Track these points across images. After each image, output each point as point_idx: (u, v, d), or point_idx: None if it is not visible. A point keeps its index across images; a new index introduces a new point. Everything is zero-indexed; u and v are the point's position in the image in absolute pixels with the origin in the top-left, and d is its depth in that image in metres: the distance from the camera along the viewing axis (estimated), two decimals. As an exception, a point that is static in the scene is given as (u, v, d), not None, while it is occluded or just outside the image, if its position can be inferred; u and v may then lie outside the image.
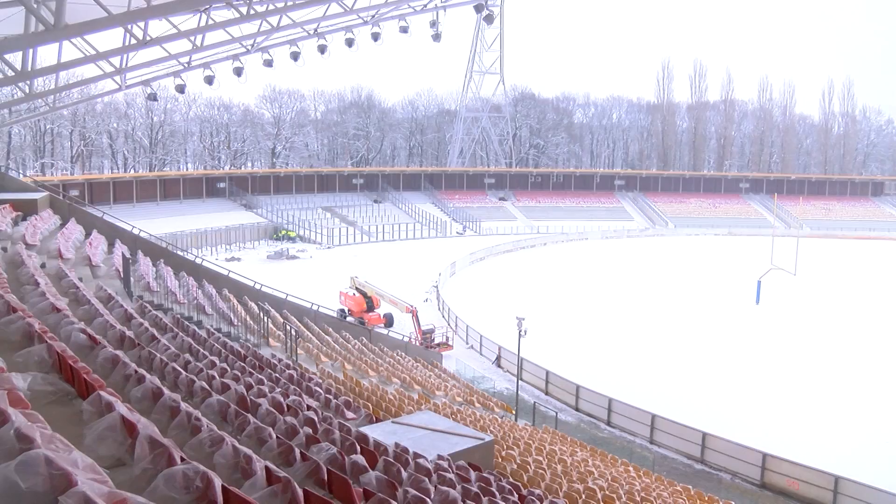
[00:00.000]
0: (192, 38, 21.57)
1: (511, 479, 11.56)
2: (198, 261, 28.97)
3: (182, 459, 5.12)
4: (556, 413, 24.93)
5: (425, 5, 25.82)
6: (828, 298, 46.10)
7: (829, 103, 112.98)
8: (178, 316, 17.89)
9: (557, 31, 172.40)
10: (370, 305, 36.30)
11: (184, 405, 7.22)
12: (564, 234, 75.75)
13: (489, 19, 27.67)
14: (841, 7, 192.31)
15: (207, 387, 9.45)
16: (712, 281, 51.25)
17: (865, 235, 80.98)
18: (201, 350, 13.71)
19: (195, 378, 9.71)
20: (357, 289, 36.99)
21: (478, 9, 25.43)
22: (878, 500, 17.96)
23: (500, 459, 13.57)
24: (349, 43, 26.16)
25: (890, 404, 26.34)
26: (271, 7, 20.79)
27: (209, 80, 26.32)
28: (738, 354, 32.73)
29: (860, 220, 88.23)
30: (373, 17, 25.11)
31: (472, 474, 10.14)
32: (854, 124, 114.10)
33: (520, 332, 24.15)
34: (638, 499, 13.22)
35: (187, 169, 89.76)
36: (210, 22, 20.19)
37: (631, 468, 17.68)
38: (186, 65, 25.99)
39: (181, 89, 27.24)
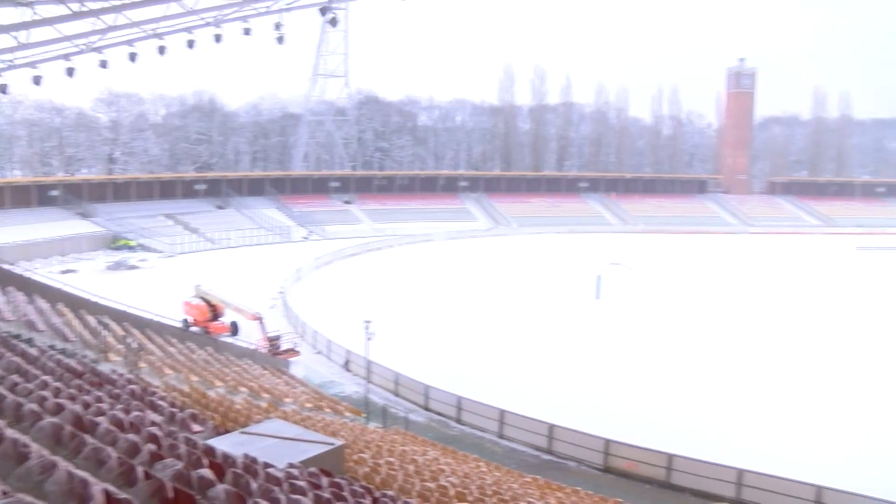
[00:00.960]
0: (16, 35, 20.04)
1: (363, 483, 11.79)
2: (27, 274, 26.93)
3: (4, 493, 4.83)
4: (407, 414, 25.55)
5: (269, 7, 25.39)
6: (662, 290, 50.20)
7: (658, 107, 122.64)
8: (5, 334, 16.63)
9: (402, 35, 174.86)
10: (214, 314, 35.29)
11: (10, 431, 6.83)
12: (410, 235, 76.86)
13: (334, 22, 27.64)
14: (668, 19, 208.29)
15: (39, 409, 8.94)
16: (555, 278, 53.80)
17: (693, 230, 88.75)
18: (32, 370, 12.86)
19: (24, 400, 9.16)
20: (201, 297, 35.79)
21: (322, 12, 25.36)
22: (708, 472, 20.08)
23: (351, 463, 13.78)
24: (190, 44, 25.27)
25: (714, 385, 29.35)
26: (106, 5, 19.70)
27: (36, 81, 24.58)
28: (580, 347, 34.77)
29: (688, 215, 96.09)
30: (215, 18, 24.41)
31: (324, 480, 10.23)
32: (681, 127, 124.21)
33: (367, 334, 24.34)
34: (489, 493, 13.87)
35: (14, 176, 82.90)
36: (36, 17, 18.84)
37: (482, 463, 18.54)
38: (10, 63, 24.11)
39: (4, 90, 25.23)
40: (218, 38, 24.79)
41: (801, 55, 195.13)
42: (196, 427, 13.26)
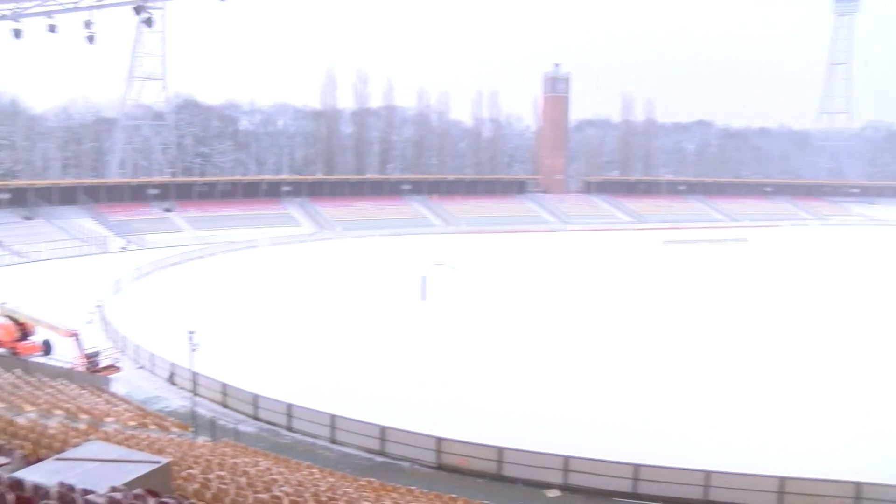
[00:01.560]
0: None
1: (193, 500, 11.66)
2: None
3: None
4: (236, 425, 25.44)
5: (77, 3, 23.86)
6: (487, 288, 52.46)
7: (479, 110, 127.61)
8: None
9: (222, 38, 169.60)
10: (23, 333, 32.65)
11: None
12: (233, 242, 74.89)
13: (149, 23, 26.56)
14: (487, 25, 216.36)
15: None
16: (380, 281, 54.87)
17: (514, 229, 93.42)
18: None
19: None
20: (6, 316, 32.98)
21: (137, 11, 24.23)
22: (537, 461, 21.29)
23: (180, 481, 13.37)
24: (-14, 40, 23.21)
25: (538, 376, 31.22)
26: None
27: None
28: (409, 348, 35.90)
29: (509, 215, 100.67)
30: (12, 11, 22.62)
31: (151, 501, 9.92)
32: (500, 129, 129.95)
33: (191, 346, 23.66)
34: (324, 499, 14.06)
35: None
36: None
37: (315, 470, 18.67)
38: None
39: None
40: (17, 33, 23.06)
41: (611, 62, 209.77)
42: (1, 459, 12.38)
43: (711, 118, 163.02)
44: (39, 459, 12.70)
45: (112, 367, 30.87)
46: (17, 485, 9.17)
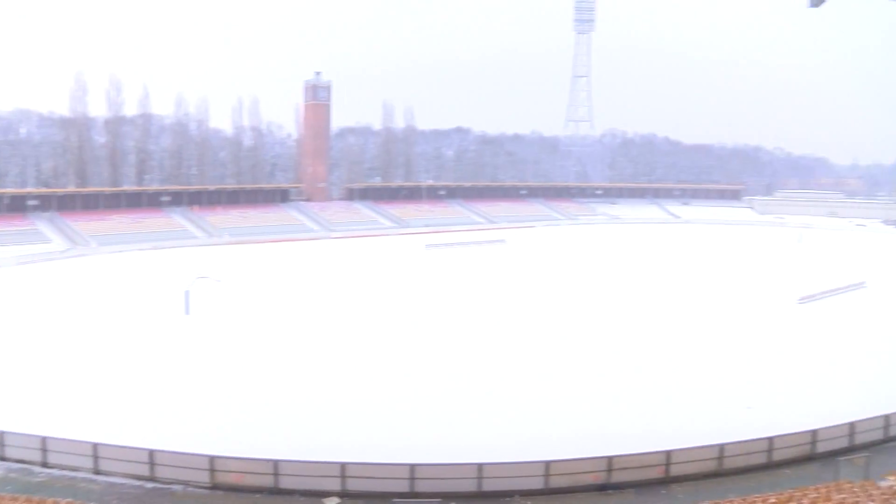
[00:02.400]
0: None
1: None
2: None
3: None
4: (-26, 472, 23.48)
5: None
6: (253, 299, 54.08)
7: (239, 118, 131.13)
8: None
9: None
10: None
11: None
12: (-32, 265, 71.72)
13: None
14: (247, 31, 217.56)
15: None
16: (141, 297, 54.32)
17: (278, 238, 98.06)
18: None
19: None
20: None
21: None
22: (313, 471, 22.35)
23: None
24: None
25: (314, 384, 32.86)
26: None
27: None
28: (173, 364, 36.08)
29: (273, 224, 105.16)
30: None
31: None
32: (262, 138, 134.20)
33: None
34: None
35: None
36: None
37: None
38: None
39: None
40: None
41: (372, 70, 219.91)
42: None
43: (469, 125, 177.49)
44: None
45: None
46: None
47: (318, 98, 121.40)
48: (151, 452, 22.82)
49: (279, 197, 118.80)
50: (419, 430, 26.77)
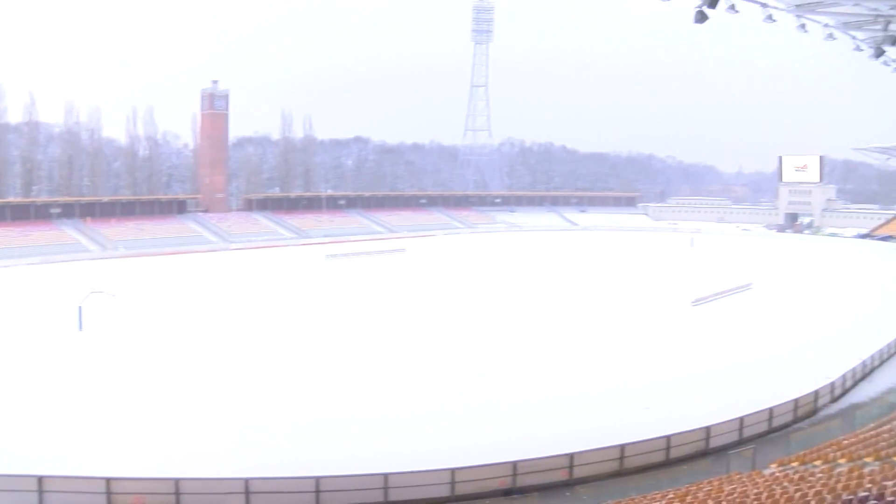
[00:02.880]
0: None
1: None
2: None
3: None
4: None
5: None
6: (150, 313, 52.80)
7: (134, 127, 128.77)
8: None
9: None
10: None
11: None
12: None
13: None
14: (140, 37, 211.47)
15: None
16: (30, 313, 52.37)
17: (176, 251, 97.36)
18: None
19: None
20: None
21: None
22: (217, 487, 21.81)
23: None
24: None
25: (216, 400, 31.89)
26: None
27: None
28: (65, 383, 34.44)
29: (170, 236, 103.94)
30: None
31: None
32: (157, 148, 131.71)
33: None
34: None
35: None
36: None
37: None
38: None
39: None
40: None
41: (269, 78, 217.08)
42: None
43: (368, 135, 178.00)
44: None
45: None
46: None
47: (215, 107, 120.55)
48: (40, 479, 21.28)
49: (176, 208, 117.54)
50: (321, 443, 26.53)
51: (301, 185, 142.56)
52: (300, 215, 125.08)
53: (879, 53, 30.34)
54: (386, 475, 21.79)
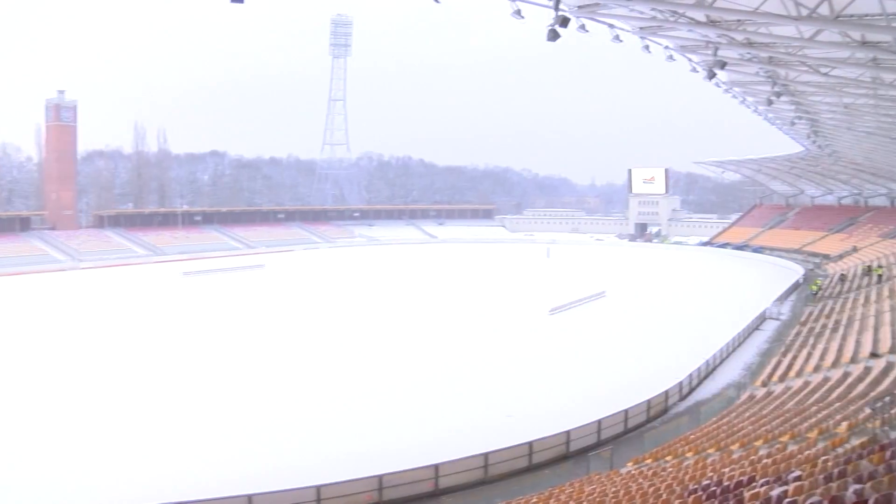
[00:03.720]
0: None
1: None
2: None
3: None
4: None
5: None
6: None
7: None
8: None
9: None
10: None
11: None
12: None
13: None
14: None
15: None
16: None
17: (20, 271, 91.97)
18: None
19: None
20: None
21: None
22: None
23: None
24: None
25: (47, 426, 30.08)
26: None
27: None
28: None
29: (13, 255, 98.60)
30: None
31: None
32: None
33: None
34: None
35: None
36: None
37: None
38: None
39: None
40: None
41: (121, 90, 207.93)
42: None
43: (225, 149, 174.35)
44: None
45: None
46: None
47: (62, 119, 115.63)
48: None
49: (19, 225, 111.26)
50: (167, 465, 25.42)
51: (155, 201, 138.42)
52: (155, 232, 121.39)
53: (711, 75, 32.71)
54: (250, 496, 21.34)
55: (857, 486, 11.41)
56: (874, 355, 33.88)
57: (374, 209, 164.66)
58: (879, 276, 58.01)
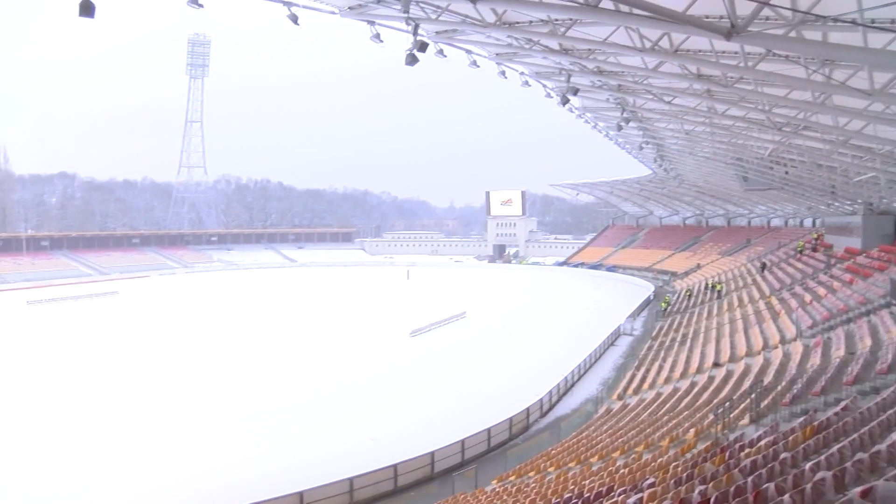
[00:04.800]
0: None
1: None
2: None
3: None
4: None
5: None
6: None
7: None
8: None
9: None
10: None
11: None
12: None
13: None
14: None
15: None
16: None
17: None
18: None
19: None
20: None
21: None
22: None
23: None
24: None
25: None
26: None
27: None
28: None
29: None
30: None
31: None
32: None
33: None
34: None
35: None
36: None
37: None
38: None
39: None
40: None
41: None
42: None
43: (74, 170, 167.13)
44: None
45: None
46: None
47: None
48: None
49: None
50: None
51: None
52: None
53: (565, 101, 34.35)
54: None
55: (702, 487, 12.46)
56: (717, 365, 36.61)
57: (233, 233, 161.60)
58: (719, 291, 62.59)
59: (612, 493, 15.47)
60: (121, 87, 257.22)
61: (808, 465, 11.59)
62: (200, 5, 21.68)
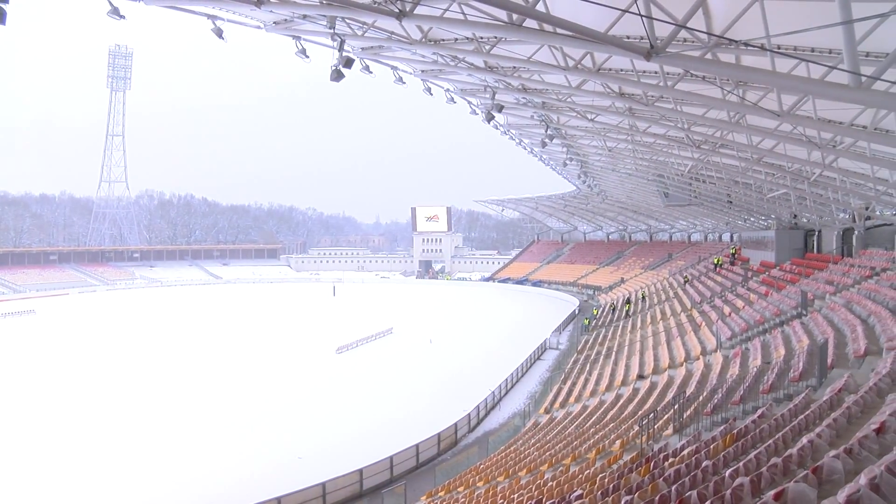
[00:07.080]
0: None
1: None
2: None
3: None
4: None
5: None
6: None
7: None
8: None
9: None
10: None
11: None
12: None
13: None
14: None
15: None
16: None
17: None
18: None
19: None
20: None
21: None
22: None
23: None
24: None
25: None
26: None
27: None
28: None
29: None
30: None
31: None
32: None
33: None
34: None
35: None
36: None
37: None
38: None
39: None
40: None
41: None
42: None
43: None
44: None
45: None
46: None
47: None
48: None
49: None
50: None
51: None
52: None
53: (490, 118, 34.83)
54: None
55: (628, 497, 12.76)
56: (641, 377, 37.46)
57: (156, 249, 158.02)
58: (627, 311, 64.02)
59: (541, 506, 15.69)
60: (38, 98, 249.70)
61: (727, 472, 12.01)
62: (122, 16, 21.29)
